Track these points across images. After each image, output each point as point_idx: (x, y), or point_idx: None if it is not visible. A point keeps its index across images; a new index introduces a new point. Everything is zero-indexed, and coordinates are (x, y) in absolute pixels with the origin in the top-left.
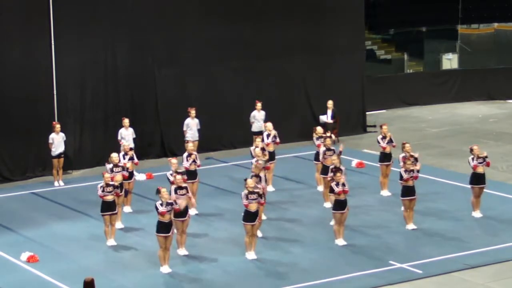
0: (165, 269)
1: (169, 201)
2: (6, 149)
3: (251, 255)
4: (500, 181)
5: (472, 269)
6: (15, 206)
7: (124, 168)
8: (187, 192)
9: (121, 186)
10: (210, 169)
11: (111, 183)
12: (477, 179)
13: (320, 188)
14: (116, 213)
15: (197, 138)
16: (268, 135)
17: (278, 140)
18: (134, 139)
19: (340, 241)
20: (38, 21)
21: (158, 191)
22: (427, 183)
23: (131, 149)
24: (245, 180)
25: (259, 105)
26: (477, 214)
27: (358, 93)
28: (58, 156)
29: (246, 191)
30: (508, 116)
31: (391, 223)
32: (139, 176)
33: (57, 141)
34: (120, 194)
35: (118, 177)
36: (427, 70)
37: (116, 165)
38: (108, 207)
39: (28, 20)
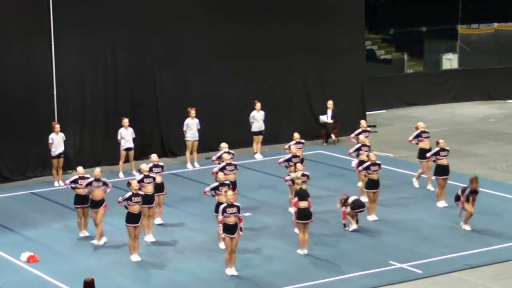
0: (135, 257)
1: (140, 192)
2: (6, 149)
3: (231, 271)
4: (500, 181)
5: (472, 269)
6: (15, 206)
7: (154, 179)
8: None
9: (151, 196)
10: (210, 169)
11: (82, 175)
12: (442, 171)
13: (359, 184)
14: (88, 207)
15: (197, 138)
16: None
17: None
18: (134, 139)
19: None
20: (38, 21)
21: (128, 184)
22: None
23: (128, 149)
24: (225, 191)
25: (258, 105)
26: (441, 204)
27: (358, 93)
28: (58, 156)
29: (224, 204)
30: (508, 116)
31: (391, 223)
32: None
33: (57, 141)
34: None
35: (149, 189)
36: (427, 70)
37: (146, 176)
38: (81, 201)
39: (28, 20)
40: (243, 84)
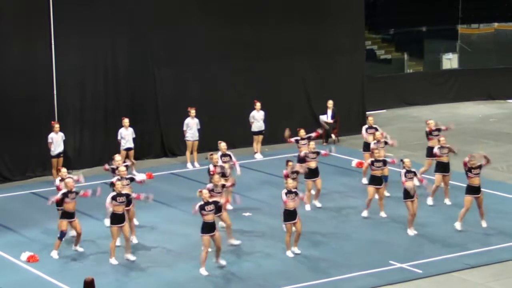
0: (114, 261)
1: (124, 192)
2: (6, 149)
3: (204, 271)
4: (500, 181)
5: (472, 269)
6: (15, 206)
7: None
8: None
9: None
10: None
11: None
12: (443, 168)
13: (365, 180)
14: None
15: (197, 138)
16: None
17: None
18: (134, 139)
19: (290, 253)
20: (38, 21)
21: (112, 184)
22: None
23: (128, 149)
24: (200, 191)
25: (258, 105)
26: (430, 201)
27: (358, 93)
28: (58, 155)
29: (201, 203)
30: (508, 116)
31: (391, 223)
32: (139, 176)
33: (56, 141)
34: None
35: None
36: (427, 70)
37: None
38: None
39: (28, 20)
40: (243, 84)
